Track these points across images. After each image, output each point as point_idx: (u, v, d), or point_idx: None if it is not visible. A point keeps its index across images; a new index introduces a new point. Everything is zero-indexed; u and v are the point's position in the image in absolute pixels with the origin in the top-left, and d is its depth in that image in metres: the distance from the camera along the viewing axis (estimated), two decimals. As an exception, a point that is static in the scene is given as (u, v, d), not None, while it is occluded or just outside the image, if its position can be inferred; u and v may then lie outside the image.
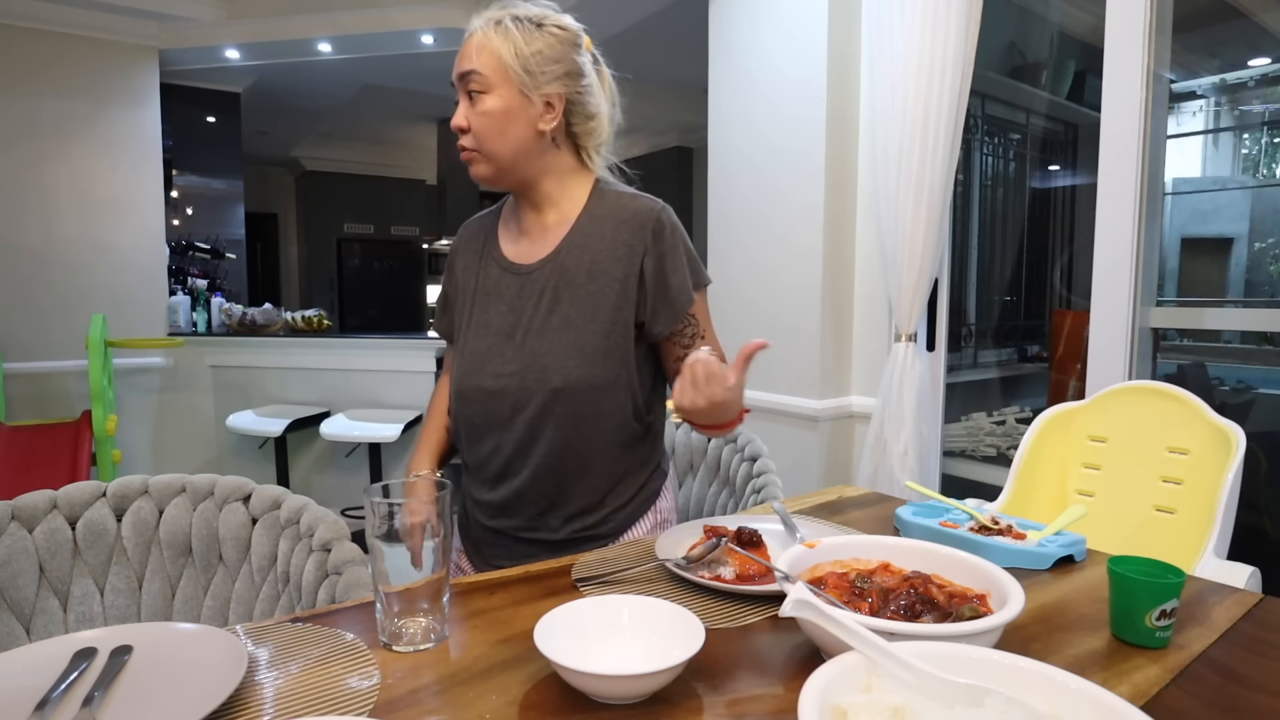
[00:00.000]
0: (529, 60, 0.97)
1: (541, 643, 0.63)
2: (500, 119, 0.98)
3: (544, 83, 0.99)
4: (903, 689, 0.53)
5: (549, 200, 1.07)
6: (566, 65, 1.00)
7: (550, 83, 0.99)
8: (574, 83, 1.01)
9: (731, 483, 1.48)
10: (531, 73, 0.98)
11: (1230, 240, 2.62)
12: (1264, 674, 0.67)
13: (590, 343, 1.01)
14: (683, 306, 1.02)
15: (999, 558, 0.91)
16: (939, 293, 2.20)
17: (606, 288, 1.01)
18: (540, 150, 1.02)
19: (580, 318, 1.01)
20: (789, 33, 2.32)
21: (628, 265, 1.01)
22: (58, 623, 0.96)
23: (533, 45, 0.98)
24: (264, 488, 1.07)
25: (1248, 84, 2.60)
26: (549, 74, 0.99)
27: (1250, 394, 2.37)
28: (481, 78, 0.97)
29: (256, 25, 3.86)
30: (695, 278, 1.04)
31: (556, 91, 1.00)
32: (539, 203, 1.07)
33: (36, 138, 3.52)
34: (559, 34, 1.00)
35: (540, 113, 1.00)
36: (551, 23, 1.00)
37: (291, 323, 4.07)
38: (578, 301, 1.01)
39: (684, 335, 1.04)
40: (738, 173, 2.55)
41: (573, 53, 1.01)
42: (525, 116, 0.99)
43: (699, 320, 1.05)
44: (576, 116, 1.04)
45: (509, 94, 0.98)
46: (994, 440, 2.48)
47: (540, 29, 0.99)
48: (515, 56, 0.97)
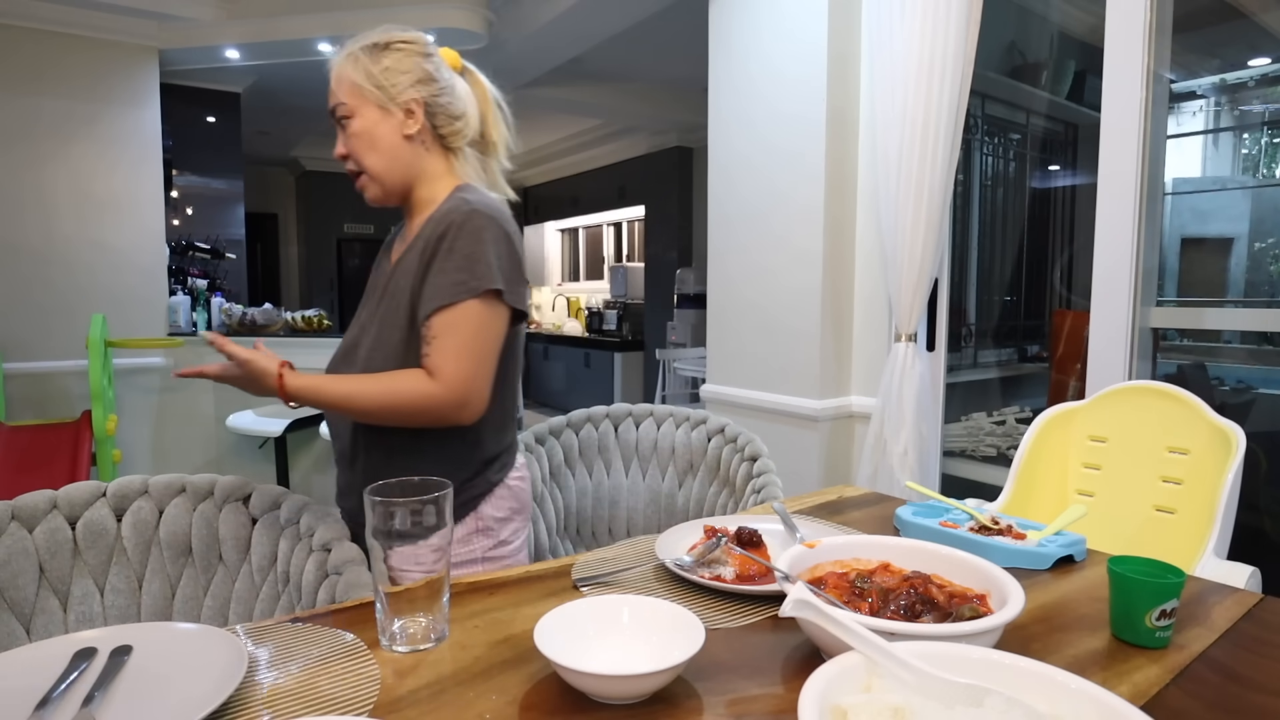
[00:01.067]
0: (379, 77, 1.06)
1: (541, 643, 0.63)
2: (368, 136, 1.07)
3: (398, 93, 1.07)
4: (903, 689, 0.53)
5: (419, 205, 1.13)
6: (417, 74, 1.08)
7: (405, 91, 1.07)
8: (428, 87, 1.08)
9: (731, 483, 1.48)
10: (384, 87, 1.06)
11: (1230, 240, 2.61)
12: (1264, 674, 0.67)
13: (392, 339, 1.04)
14: (428, 308, 1.00)
15: (999, 558, 0.91)
16: (939, 293, 2.20)
17: (407, 286, 1.04)
18: (411, 156, 1.09)
19: (388, 315, 1.06)
20: (789, 32, 2.32)
21: (421, 265, 1.02)
22: (58, 623, 0.96)
23: (380, 63, 1.07)
24: (264, 488, 1.07)
25: (1248, 84, 2.60)
26: (401, 84, 1.07)
27: (1250, 394, 2.37)
28: (345, 106, 1.07)
29: (256, 25, 3.86)
30: (472, 281, 0.98)
31: (413, 97, 1.07)
32: (413, 208, 1.14)
33: (36, 138, 3.52)
34: (405, 47, 1.08)
35: (402, 120, 1.07)
36: (397, 40, 1.09)
37: (291, 323, 4.07)
38: (390, 299, 1.06)
39: (425, 339, 1.01)
40: (738, 173, 2.55)
41: (422, 61, 1.09)
42: (389, 126, 1.07)
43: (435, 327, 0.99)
44: (440, 119, 1.10)
45: (370, 112, 1.07)
46: (994, 440, 2.48)
47: (386, 48, 1.08)
48: (367, 77, 1.06)
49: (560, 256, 8.89)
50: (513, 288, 1.02)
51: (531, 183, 8.78)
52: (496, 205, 1.05)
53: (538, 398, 7.83)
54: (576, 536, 1.58)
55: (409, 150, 1.09)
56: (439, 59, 1.11)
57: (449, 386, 0.97)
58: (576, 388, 7.17)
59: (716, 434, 1.56)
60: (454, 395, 0.97)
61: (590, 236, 8.33)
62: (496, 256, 1.00)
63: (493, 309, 1.00)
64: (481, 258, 0.99)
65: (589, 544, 1.58)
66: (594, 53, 4.34)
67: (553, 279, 8.91)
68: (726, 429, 1.55)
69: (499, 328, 1.02)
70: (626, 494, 1.60)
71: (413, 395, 0.97)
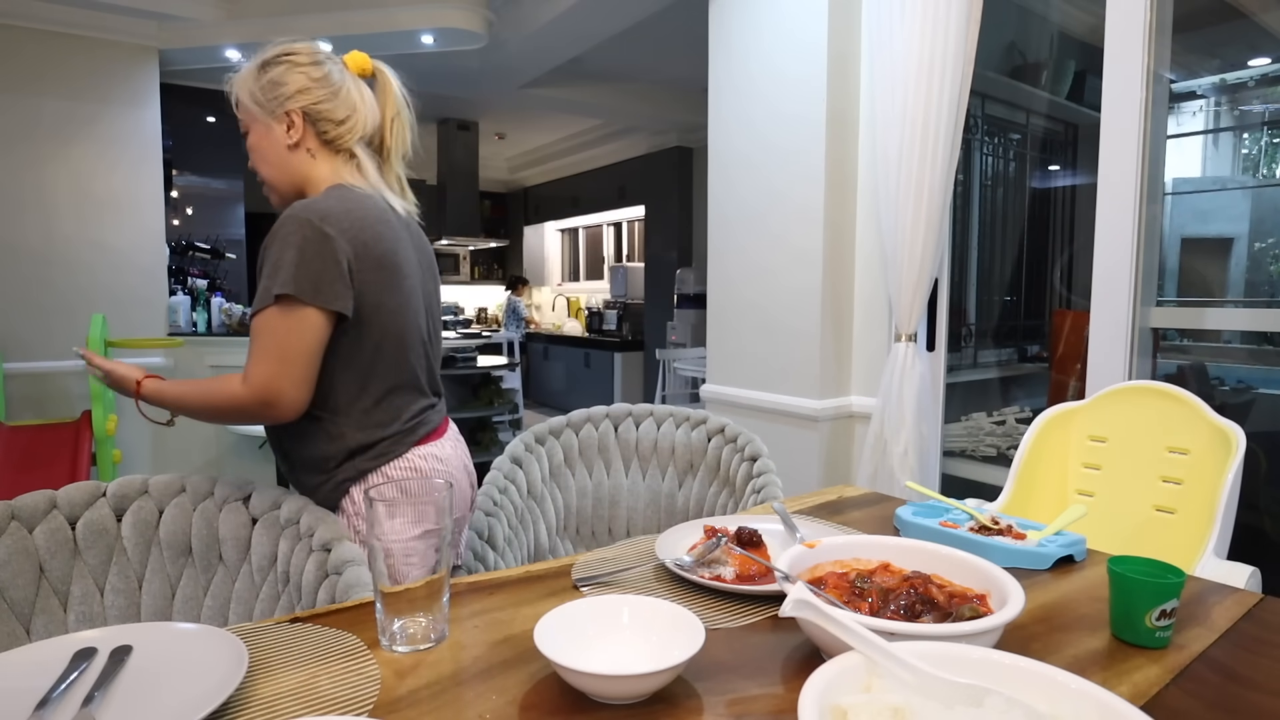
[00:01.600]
0: (258, 94, 1.15)
1: (541, 643, 0.63)
2: (260, 149, 1.17)
3: (278, 105, 1.14)
4: (903, 689, 0.53)
5: None
6: (297, 85, 1.14)
7: (284, 103, 1.14)
8: (307, 96, 1.15)
9: (731, 483, 1.48)
10: (263, 103, 1.15)
11: (1230, 240, 2.61)
12: (1264, 674, 0.67)
13: None
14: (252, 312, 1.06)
15: (999, 558, 0.91)
16: (939, 293, 2.20)
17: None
18: (298, 163, 1.17)
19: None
20: (789, 32, 2.32)
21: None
22: (58, 623, 0.96)
23: (260, 80, 1.15)
24: (264, 488, 1.07)
25: (1248, 84, 2.60)
26: (279, 97, 1.14)
27: (1250, 394, 2.37)
28: (243, 123, 1.18)
29: (256, 25, 3.86)
30: (272, 288, 1.01)
31: (292, 108, 1.14)
32: None
33: (37, 138, 3.52)
34: (287, 59, 1.16)
35: (284, 131, 1.15)
36: (281, 54, 1.16)
37: (291, 323, 4.06)
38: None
39: None
40: (737, 172, 2.55)
41: (306, 71, 1.15)
42: (273, 138, 1.16)
43: (253, 330, 1.04)
44: (323, 124, 1.16)
45: (258, 126, 1.16)
46: (994, 440, 2.48)
47: (270, 64, 1.15)
48: (250, 95, 1.16)
49: (560, 256, 8.89)
50: (317, 290, 1.02)
51: (531, 183, 8.78)
52: (324, 208, 1.05)
53: (538, 398, 7.83)
54: (576, 536, 1.58)
55: (294, 158, 1.16)
56: (329, 65, 1.17)
57: (251, 388, 1.02)
58: (576, 388, 7.17)
59: (716, 434, 1.56)
60: (256, 396, 1.02)
61: (590, 236, 8.34)
62: (298, 262, 1.01)
63: (292, 313, 1.02)
64: (283, 264, 1.02)
65: (589, 544, 1.58)
66: (594, 53, 4.34)
67: (553, 279, 8.91)
68: (726, 429, 1.55)
69: (304, 329, 1.03)
70: (626, 494, 1.60)
71: (224, 397, 1.05)
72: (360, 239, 1.06)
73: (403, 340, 1.14)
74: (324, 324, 1.04)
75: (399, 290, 1.12)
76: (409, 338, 1.15)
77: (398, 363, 1.14)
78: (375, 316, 1.09)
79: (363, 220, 1.07)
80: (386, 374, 1.13)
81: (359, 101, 1.18)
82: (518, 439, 1.51)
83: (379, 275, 1.08)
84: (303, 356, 1.03)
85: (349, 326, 1.07)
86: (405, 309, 1.13)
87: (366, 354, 1.10)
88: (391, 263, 1.10)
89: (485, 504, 1.35)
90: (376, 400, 1.12)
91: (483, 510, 1.34)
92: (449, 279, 9.08)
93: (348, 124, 1.16)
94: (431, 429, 1.19)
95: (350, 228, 1.05)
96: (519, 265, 9.16)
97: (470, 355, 4.06)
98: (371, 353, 1.10)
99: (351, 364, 1.09)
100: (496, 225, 9.06)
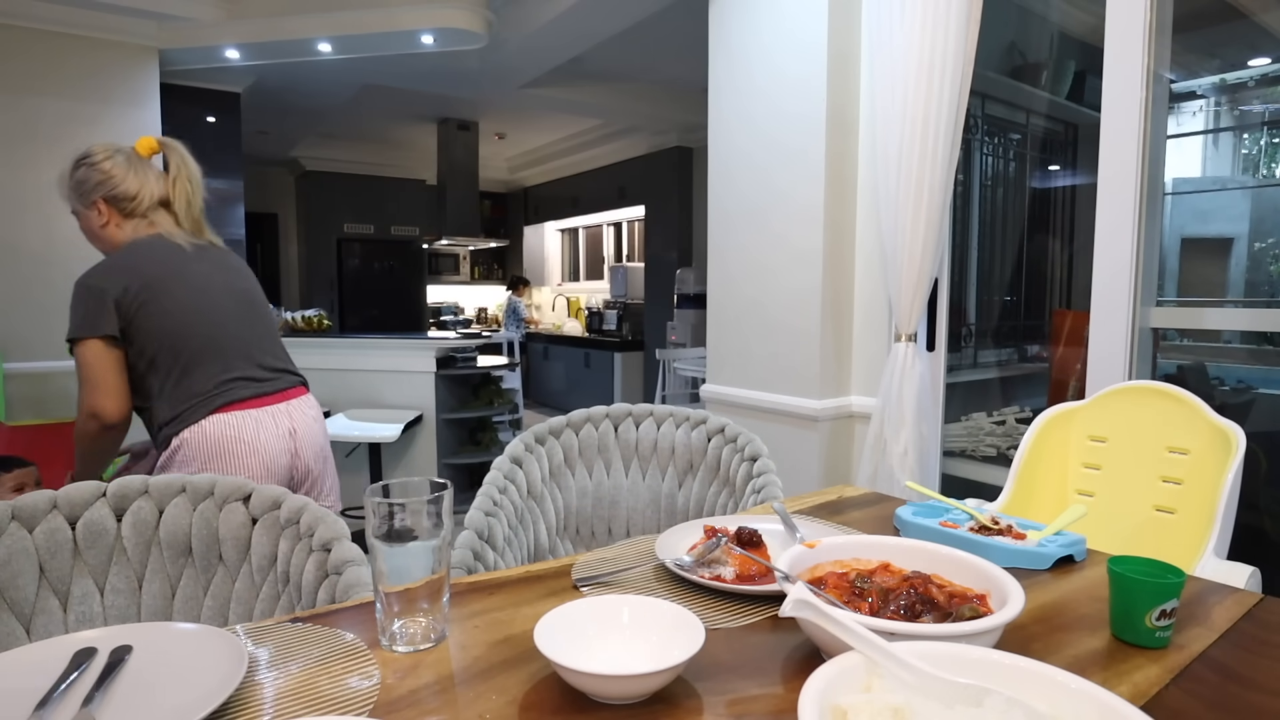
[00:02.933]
0: (72, 192, 1.52)
1: (541, 643, 0.63)
2: (86, 231, 1.55)
3: (87, 198, 1.51)
4: (903, 689, 0.53)
5: None
6: (95, 179, 1.50)
7: (89, 194, 1.50)
8: (104, 187, 1.50)
9: (731, 483, 1.48)
10: (77, 198, 1.51)
11: (1230, 240, 2.61)
12: (1264, 674, 0.67)
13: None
14: None
15: (999, 558, 0.91)
16: (939, 293, 2.20)
17: None
18: (109, 235, 1.52)
19: None
20: (789, 31, 2.32)
21: None
22: (58, 623, 0.96)
23: (71, 182, 1.51)
24: (264, 488, 1.07)
25: (1248, 84, 2.60)
26: (85, 192, 1.50)
27: (1250, 394, 2.37)
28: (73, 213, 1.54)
29: (256, 25, 3.86)
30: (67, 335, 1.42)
31: (96, 198, 1.50)
32: None
33: (37, 138, 3.52)
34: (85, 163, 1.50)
35: (96, 215, 1.51)
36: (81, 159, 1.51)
37: (291, 323, 4.07)
38: None
39: None
40: (738, 171, 2.55)
41: (101, 169, 1.50)
42: (91, 222, 1.52)
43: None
44: (122, 203, 1.51)
45: (81, 215, 1.53)
46: (994, 440, 2.48)
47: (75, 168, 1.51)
48: (68, 195, 1.53)
49: (560, 256, 8.89)
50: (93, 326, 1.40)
51: (531, 183, 8.78)
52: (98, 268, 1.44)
53: (538, 398, 7.83)
54: (576, 536, 1.58)
55: (106, 232, 1.52)
56: (118, 157, 1.52)
57: (82, 416, 1.42)
58: (576, 388, 7.17)
59: (716, 434, 1.56)
60: (87, 419, 1.42)
61: (590, 236, 8.33)
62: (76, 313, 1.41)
63: (82, 349, 1.41)
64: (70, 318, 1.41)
65: (589, 544, 1.58)
66: (594, 53, 4.34)
67: (553, 279, 8.91)
68: (726, 429, 1.54)
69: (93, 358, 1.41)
70: (626, 494, 1.60)
71: (79, 436, 1.43)
72: (131, 274, 1.43)
73: (187, 333, 1.47)
74: (104, 348, 1.41)
75: (175, 297, 1.46)
76: (195, 330, 1.48)
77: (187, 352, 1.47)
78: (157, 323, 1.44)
79: (134, 263, 1.45)
80: (176, 363, 1.46)
81: (145, 178, 1.54)
82: (518, 439, 1.51)
83: (151, 294, 1.44)
84: (104, 376, 1.41)
85: (133, 338, 1.43)
86: (186, 310, 1.47)
87: (156, 350, 1.45)
88: (162, 285, 1.45)
89: (485, 504, 1.35)
90: (176, 383, 1.46)
91: (482, 510, 1.34)
92: (449, 279, 9.09)
93: (139, 198, 1.52)
94: (236, 399, 1.50)
95: (118, 271, 1.43)
96: (519, 265, 9.17)
97: (470, 355, 4.06)
98: (159, 349, 1.45)
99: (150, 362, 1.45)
100: (496, 225, 9.06)
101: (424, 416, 3.76)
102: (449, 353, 3.89)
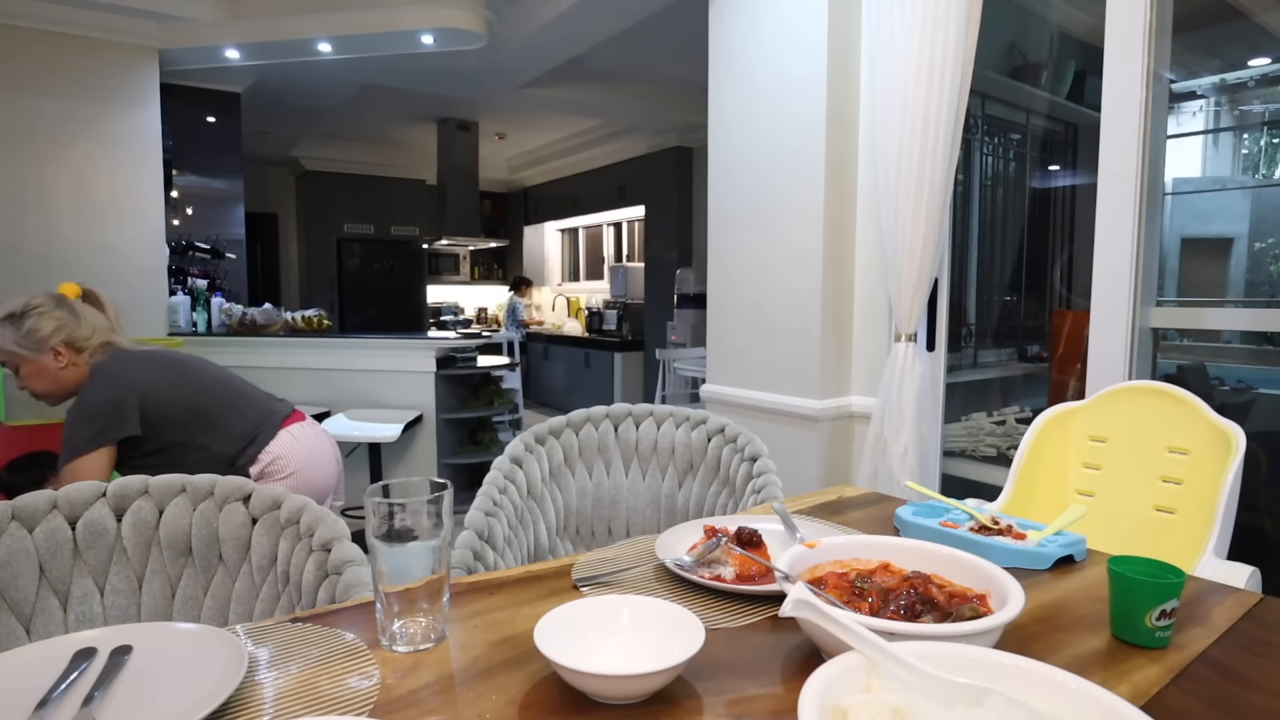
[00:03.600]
0: (23, 341, 1.54)
1: (541, 643, 0.63)
2: (33, 378, 1.58)
3: (44, 345, 1.56)
4: (903, 689, 0.53)
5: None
6: (50, 326, 1.56)
7: (48, 342, 1.56)
8: (63, 332, 1.57)
9: (731, 483, 1.48)
10: (29, 347, 1.55)
11: (1230, 240, 2.61)
12: (1264, 674, 0.67)
13: None
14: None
15: (999, 558, 0.91)
16: (939, 293, 2.20)
17: None
18: (68, 376, 1.59)
19: None
20: (789, 31, 2.32)
21: None
22: (58, 623, 0.96)
23: (20, 332, 1.54)
24: (264, 488, 1.07)
25: (1248, 84, 2.60)
26: (43, 340, 1.55)
27: (1250, 394, 2.37)
28: (9, 362, 1.57)
29: (256, 25, 3.86)
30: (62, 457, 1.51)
31: (54, 344, 1.56)
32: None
33: (37, 138, 3.52)
34: (35, 312, 1.55)
35: (54, 359, 1.57)
36: (26, 309, 1.55)
37: (291, 323, 4.07)
38: None
39: None
40: (738, 171, 2.55)
41: (52, 317, 1.56)
42: (45, 367, 1.57)
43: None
44: (80, 343, 1.60)
45: (28, 364, 1.56)
46: (994, 440, 2.48)
47: (17, 320, 1.54)
48: (15, 344, 1.54)
49: (560, 256, 8.89)
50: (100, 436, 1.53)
51: (531, 183, 8.78)
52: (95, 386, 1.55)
53: (538, 398, 7.83)
54: (576, 536, 1.58)
55: (65, 374, 1.59)
56: (64, 304, 1.60)
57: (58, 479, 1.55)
58: (576, 388, 7.17)
59: (716, 434, 1.56)
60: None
61: (590, 236, 8.33)
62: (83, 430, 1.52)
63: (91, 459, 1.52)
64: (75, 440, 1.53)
65: (589, 544, 1.58)
66: (594, 53, 4.34)
67: (553, 279, 8.91)
68: (726, 429, 1.54)
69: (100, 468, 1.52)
70: (626, 494, 1.60)
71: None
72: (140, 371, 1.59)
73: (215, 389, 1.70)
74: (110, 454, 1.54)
75: (186, 369, 1.67)
76: (219, 384, 1.71)
77: (226, 398, 1.69)
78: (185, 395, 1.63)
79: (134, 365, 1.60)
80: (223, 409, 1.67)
81: (90, 315, 1.64)
82: (517, 439, 1.51)
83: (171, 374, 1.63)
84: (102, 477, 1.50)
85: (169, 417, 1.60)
86: (200, 374, 1.69)
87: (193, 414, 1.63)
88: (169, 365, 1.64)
89: (485, 504, 1.35)
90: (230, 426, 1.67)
91: (482, 510, 1.34)
92: (449, 279, 9.09)
93: (94, 335, 1.62)
94: (287, 416, 1.74)
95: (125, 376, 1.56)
96: (519, 265, 9.17)
97: (470, 355, 4.06)
98: (196, 411, 1.64)
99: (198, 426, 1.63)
100: (496, 225, 9.06)
101: (424, 416, 3.76)
102: (449, 353, 3.89)
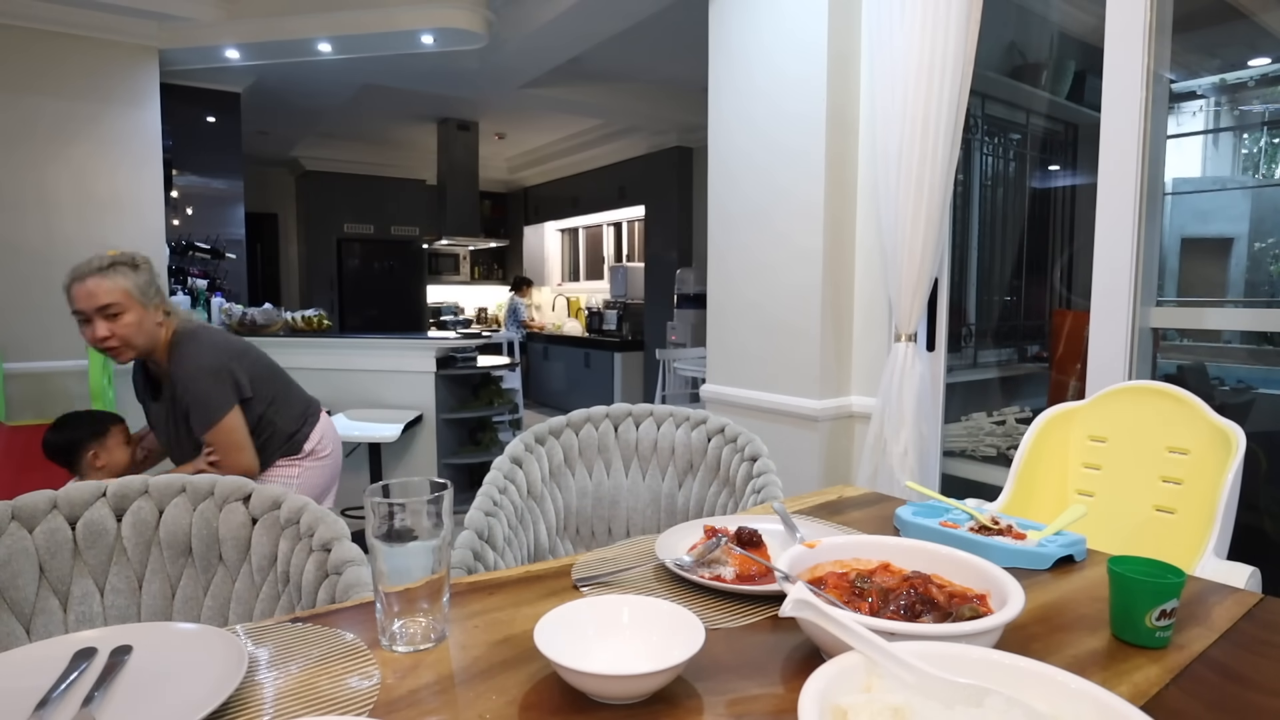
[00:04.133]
0: (145, 288, 1.66)
1: (541, 643, 0.63)
2: (133, 326, 1.64)
3: (156, 296, 1.69)
4: (903, 689, 0.53)
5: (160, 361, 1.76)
6: (156, 287, 1.70)
7: (158, 294, 1.70)
8: (162, 296, 1.71)
9: (731, 483, 1.48)
10: (148, 295, 1.67)
11: (1230, 240, 2.61)
12: (1264, 674, 0.67)
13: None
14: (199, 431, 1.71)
15: (999, 558, 0.91)
16: (939, 293, 2.20)
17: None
18: (159, 335, 1.71)
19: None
20: (789, 31, 2.32)
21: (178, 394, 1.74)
22: (58, 623, 0.96)
23: (139, 279, 1.65)
24: (264, 488, 1.07)
25: (1248, 84, 2.60)
26: (152, 295, 1.68)
27: (1250, 394, 2.37)
28: (112, 307, 1.61)
29: (256, 25, 3.86)
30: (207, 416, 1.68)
31: (159, 301, 1.70)
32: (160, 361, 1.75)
33: (37, 138, 3.52)
34: (146, 267, 1.69)
35: (156, 313, 1.69)
36: (139, 259, 1.69)
37: (291, 323, 4.07)
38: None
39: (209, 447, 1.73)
40: (738, 171, 2.55)
41: (156, 280, 1.71)
42: (147, 321, 1.67)
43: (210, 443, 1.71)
44: (169, 307, 1.74)
45: (135, 311, 1.64)
46: (994, 440, 2.48)
47: (139, 268, 1.67)
48: (138, 289, 1.64)
49: (560, 256, 8.89)
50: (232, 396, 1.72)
51: (531, 183, 8.77)
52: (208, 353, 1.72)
53: (538, 398, 7.83)
54: (576, 536, 1.58)
55: (159, 332, 1.70)
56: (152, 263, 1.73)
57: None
58: (576, 388, 7.17)
59: (716, 434, 1.56)
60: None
61: (590, 236, 8.33)
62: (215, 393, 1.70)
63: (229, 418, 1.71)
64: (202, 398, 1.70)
65: (589, 544, 1.58)
66: (594, 53, 4.33)
67: (553, 279, 8.91)
68: (726, 429, 1.54)
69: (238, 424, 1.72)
70: (626, 494, 1.60)
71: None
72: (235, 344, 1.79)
73: (276, 369, 1.89)
74: (240, 412, 1.72)
75: (258, 350, 1.85)
76: (277, 367, 1.91)
77: (281, 379, 1.90)
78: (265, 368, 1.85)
79: (227, 339, 1.80)
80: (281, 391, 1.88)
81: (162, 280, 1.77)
82: (517, 439, 1.51)
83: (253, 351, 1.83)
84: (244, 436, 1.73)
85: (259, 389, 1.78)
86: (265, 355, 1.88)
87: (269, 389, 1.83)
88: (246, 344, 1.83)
89: (485, 504, 1.35)
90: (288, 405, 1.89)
91: (482, 510, 1.34)
92: (449, 279, 9.09)
93: (169, 299, 1.76)
94: (316, 411, 1.99)
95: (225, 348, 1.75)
96: (519, 265, 9.16)
97: (470, 355, 4.05)
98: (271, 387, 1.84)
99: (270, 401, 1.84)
100: (496, 225, 9.06)
101: (424, 416, 3.76)
102: (449, 353, 3.88)
